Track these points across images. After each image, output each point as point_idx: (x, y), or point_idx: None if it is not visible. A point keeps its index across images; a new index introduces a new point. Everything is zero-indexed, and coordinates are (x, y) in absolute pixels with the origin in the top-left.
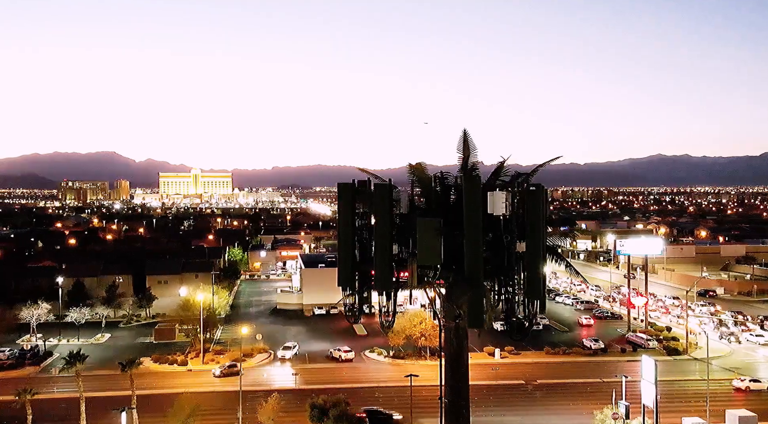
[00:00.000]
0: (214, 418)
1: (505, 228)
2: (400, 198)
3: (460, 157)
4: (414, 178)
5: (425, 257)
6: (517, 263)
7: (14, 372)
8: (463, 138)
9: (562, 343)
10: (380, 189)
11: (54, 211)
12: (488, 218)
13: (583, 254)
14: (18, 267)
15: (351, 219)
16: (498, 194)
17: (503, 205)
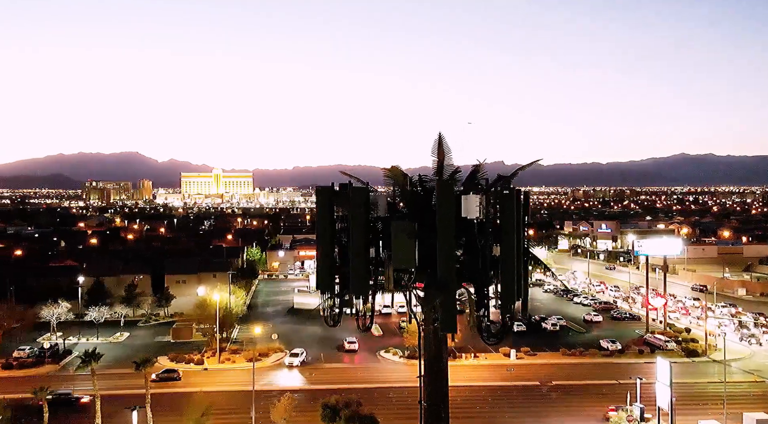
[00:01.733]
0: (228, 417)
1: (480, 232)
2: (377, 201)
3: (435, 160)
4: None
5: (400, 260)
6: (494, 267)
7: (34, 370)
8: (438, 142)
9: (579, 344)
10: (356, 192)
11: (78, 211)
12: (464, 221)
13: (603, 255)
14: (40, 266)
15: (329, 222)
16: (471, 198)
17: (477, 209)
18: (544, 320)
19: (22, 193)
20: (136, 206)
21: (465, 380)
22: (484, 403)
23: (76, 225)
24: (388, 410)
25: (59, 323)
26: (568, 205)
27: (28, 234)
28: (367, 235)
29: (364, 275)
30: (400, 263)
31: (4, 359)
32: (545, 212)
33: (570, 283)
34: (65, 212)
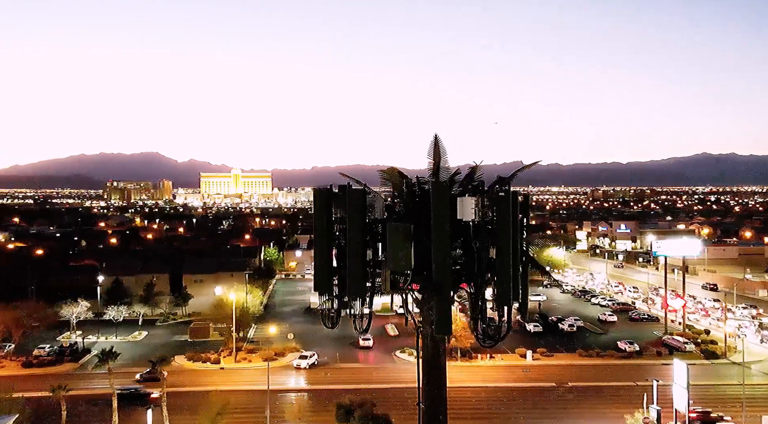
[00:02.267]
0: (244, 416)
1: (475, 234)
2: (375, 203)
3: (431, 162)
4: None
5: (395, 262)
6: (490, 269)
7: (53, 368)
8: (434, 143)
9: (596, 345)
10: (353, 194)
11: (99, 210)
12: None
13: (621, 255)
14: (60, 265)
15: (326, 224)
16: (467, 200)
17: (472, 211)
18: (561, 321)
19: (44, 193)
20: (156, 206)
21: (481, 380)
22: (499, 404)
23: (96, 225)
24: (402, 410)
25: (79, 322)
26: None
27: (50, 233)
28: (365, 237)
29: (362, 277)
30: (395, 265)
31: (24, 358)
32: (564, 212)
33: (588, 284)
34: (87, 211)
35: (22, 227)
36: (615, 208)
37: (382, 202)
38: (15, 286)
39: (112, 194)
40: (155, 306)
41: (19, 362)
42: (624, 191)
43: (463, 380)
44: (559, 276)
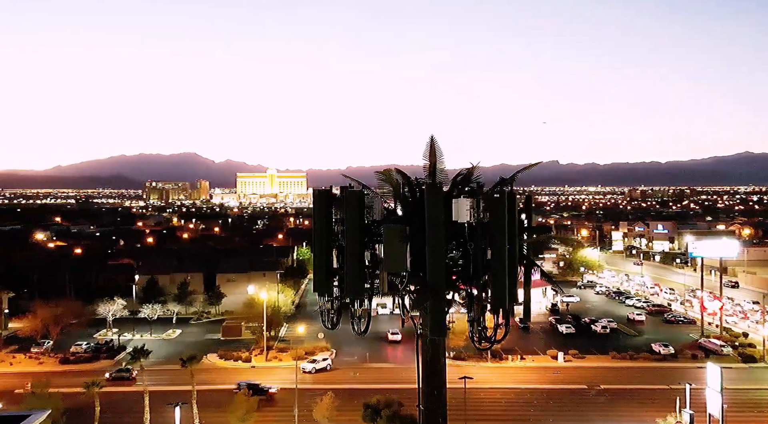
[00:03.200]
0: (272, 414)
1: (471, 236)
2: (373, 204)
3: (426, 164)
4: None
5: (391, 263)
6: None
7: (89, 365)
8: (429, 144)
9: (630, 347)
10: (350, 195)
11: (138, 210)
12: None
13: (658, 256)
14: (98, 264)
15: (325, 225)
16: (462, 202)
17: (467, 213)
18: (594, 323)
19: (86, 193)
20: (194, 206)
21: (510, 382)
22: (529, 406)
23: (135, 224)
24: None
25: (115, 320)
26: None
27: (90, 233)
28: (362, 238)
29: (359, 279)
30: (391, 267)
31: (62, 354)
32: (600, 212)
33: (623, 285)
34: (126, 211)
35: (63, 227)
36: (653, 209)
37: (380, 204)
38: (54, 284)
39: (151, 194)
40: (189, 305)
41: (57, 359)
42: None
43: (493, 382)
44: (593, 277)
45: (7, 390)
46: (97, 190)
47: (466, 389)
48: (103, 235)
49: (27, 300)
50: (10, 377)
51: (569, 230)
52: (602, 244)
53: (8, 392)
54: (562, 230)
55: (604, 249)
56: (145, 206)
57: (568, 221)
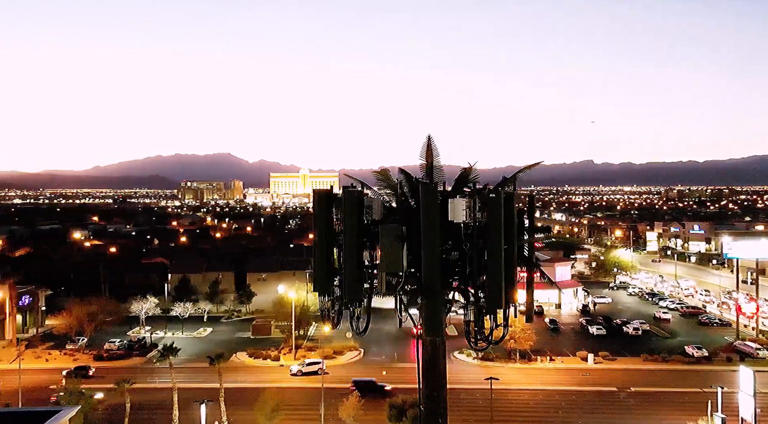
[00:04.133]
0: (298, 413)
1: (467, 236)
2: (372, 204)
3: (423, 163)
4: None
5: (387, 264)
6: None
7: (122, 362)
8: (426, 144)
9: (663, 349)
10: (348, 195)
11: (173, 210)
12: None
13: (694, 257)
14: (133, 263)
15: (326, 225)
16: (458, 201)
17: (463, 213)
18: (626, 324)
19: (123, 193)
20: (227, 206)
21: (539, 383)
22: (557, 408)
23: (169, 224)
24: (457, 412)
25: (147, 318)
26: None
27: (126, 232)
28: (361, 238)
29: (357, 279)
30: (387, 267)
31: (96, 351)
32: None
33: (657, 286)
34: (161, 211)
35: (100, 226)
36: (690, 209)
37: (380, 204)
38: (90, 282)
39: (186, 194)
40: (220, 303)
41: (91, 356)
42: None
43: (521, 383)
44: (626, 278)
45: (43, 386)
46: (134, 190)
47: (492, 390)
48: (139, 234)
49: (63, 298)
50: (46, 373)
51: (603, 230)
52: (636, 244)
53: (43, 388)
54: (595, 230)
55: (638, 250)
56: (180, 206)
57: (601, 221)
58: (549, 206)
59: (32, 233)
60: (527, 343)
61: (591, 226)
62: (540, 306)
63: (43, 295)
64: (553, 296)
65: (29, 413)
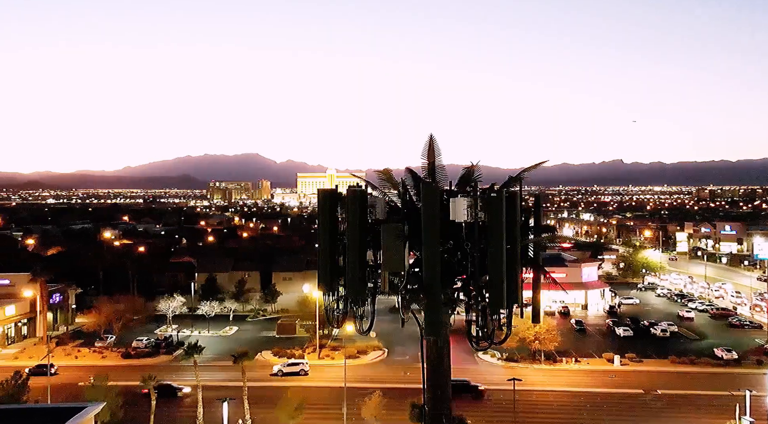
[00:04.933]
0: (322, 412)
1: (468, 236)
2: (376, 203)
3: (424, 162)
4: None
5: (389, 262)
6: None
7: (150, 360)
8: (428, 143)
9: (691, 352)
10: (352, 195)
11: (202, 210)
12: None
13: (725, 258)
14: (161, 262)
15: (330, 225)
16: (459, 201)
17: (464, 212)
18: (654, 326)
19: (153, 193)
20: (255, 206)
21: (564, 384)
22: (582, 409)
23: (198, 223)
24: (481, 412)
25: (174, 316)
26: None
27: (155, 232)
28: (364, 237)
29: (360, 278)
30: (390, 266)
31: (123, 349)
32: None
33: (687, 287)
34: (190, 211)
35: (130, 226)
36: (721, 209)
37: (383, 203)
38: (119, 281)
39: (215, 194)
40: (246, 302)
41: (119, 353)
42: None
43: (546, 384)
44: (655, 279)
45: (72, 383)
46: (164, 190)
47: (515, 391)
48: (168, 234)
49: (93, 296)
50: (75, 370)
51: (631, 230)
52: (666, 245)
53: (72, 385)
54: (624, 230)
55: (668, 250)
56: (208, 206)
57: (630, 221)
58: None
59: (64, 233)
60: (552, 344)
61: (619, 226)
62: (566, 307)
63: (73, 293)
64: (580, 297)
65: (56, 409)
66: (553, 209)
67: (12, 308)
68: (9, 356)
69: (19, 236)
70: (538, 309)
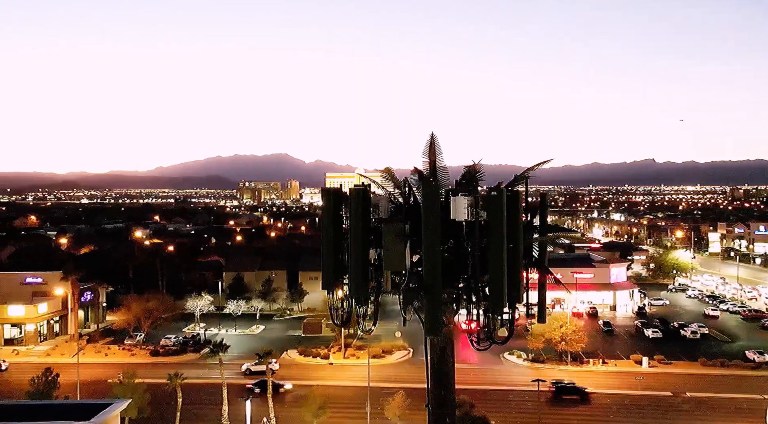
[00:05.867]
0: (346, 411)
1: (468, 234)
2: (379, 203)
3: (425, 161)
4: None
5: (390, 262)
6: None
7: (177, 358)
8: (429, 143)
9: (722, 354)
10: (354, 194)
11: (231, 209)
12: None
13: (759, 259)
14: (189, 261)
15: (333, 224)
16: (459, 200)
17: (465, 211)
18: (684, 327)
19: (184, 193)
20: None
21: (590, 386)
22: (608, 411)
23: (227, 223)
24: (505, 412)
25: (202, 315)
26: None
27: (185, 231)
28: (366, 236)
29: (362, 278)
30: (389, 265)
31: (152, 347)
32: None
33: (719, 288)
34: (220, 210)
35: (161, 225)
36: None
37: (387, 202)
38: (148, 279)
39: (244, 194)
40: (273, 301)
41: (148, 351)
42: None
43: None
44: (686, 280)
45: (101, 380)
46: (195, 190)
47: (539, 392)
48: (197, 233)
49: (123, 294)
50: (104, 367)
51: (662, 231)
52: (698, 246)
53: (102, 382)
54: (655, 230)
55: (700, 251)
56: (238, 206)
57: (662, 221)
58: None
59: (97, 232)
60: (579, 345)
61: (650, 227)
62: (594, 308)
63: (103, 291)
64: (608, 298)
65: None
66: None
67: (44, 306)
68: (41, 352)
69: (53, 236)
70: (544, 309)
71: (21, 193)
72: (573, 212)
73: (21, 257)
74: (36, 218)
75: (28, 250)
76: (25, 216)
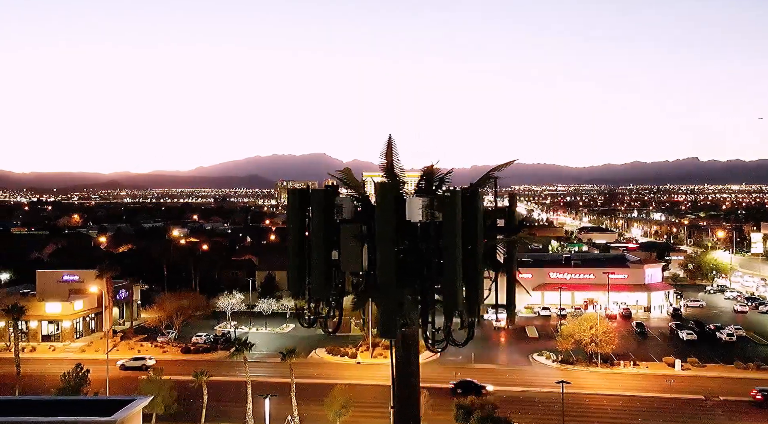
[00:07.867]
0: (369, 410)
1: (423, 236)
2: (343, 204)
3: (383, 162)
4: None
5: (347, 262)
6: None
7: (208, 355)
8: (387, 144)
9: (759, 357)
10: (315, 194)
11: (269, 209)
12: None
13: None
14: (223, 260)
15: (300, 225)
16: (414, 200)
17: (420, 212)
18: (720, 330)
19: (223, 192)
20: None
21: (620, 389)
22: (636, 415)
23: (263, 222)
24: (531, 414)
25: (233, 313)
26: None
27: (222, 230)
28: (327, 237)
29: (323, 278)
30: (347, 266)
31: (183, 344)
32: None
33: (759, 290)
34: (258, 210)
35: (198, 224)
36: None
37: (351, 204)
38: (182, 278)
39: (282, 193)
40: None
41: (179, 348)
42: None
43: (601, 388)
44: (725, 281)
45: (132, 376)
46: (234, 189)
47: (564, 394)
48: (233, 232)
49: (158, 292)
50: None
51: (703, 231)
52: (740, 246)
53: (132, 379)
54: (695, 230)
55: (741, 252)
56: (276, 205)
57: (703, 221)
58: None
59: (136, 231)
60: (609, 347)
61: (691, 226)
62: (627, 309)
63: (138, 289)
64: (642, 299)
65: (106, 401)
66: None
67: (80, 303)
68: (77, 349)
69: (94, 234)
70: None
71: (67, 192)
72: (612, 212)
73: (61, 255)
74: (79, 217)
75: (68, 248)
76: (69, 215)
